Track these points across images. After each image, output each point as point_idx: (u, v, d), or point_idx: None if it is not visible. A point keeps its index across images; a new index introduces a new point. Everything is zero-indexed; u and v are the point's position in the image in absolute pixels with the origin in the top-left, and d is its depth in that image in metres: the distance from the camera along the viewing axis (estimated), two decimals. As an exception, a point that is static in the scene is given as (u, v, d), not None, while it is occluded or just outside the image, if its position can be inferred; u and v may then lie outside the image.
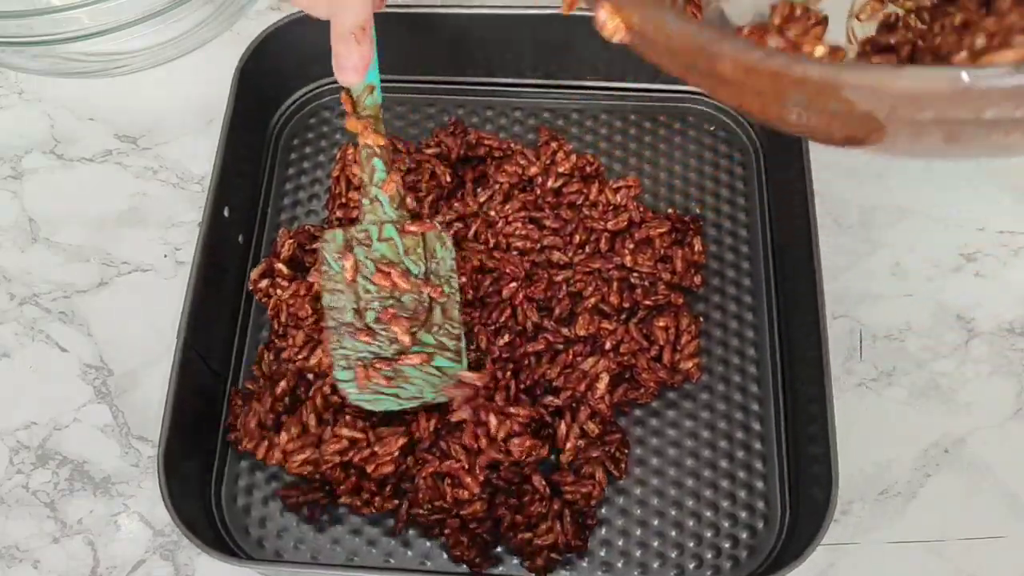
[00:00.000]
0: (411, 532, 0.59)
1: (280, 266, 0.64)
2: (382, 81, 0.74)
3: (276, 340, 0.63)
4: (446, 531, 0.57)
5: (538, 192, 0.67)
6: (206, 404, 0.61)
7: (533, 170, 0.68)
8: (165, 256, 0.68)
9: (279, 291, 0.63)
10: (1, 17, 0.64)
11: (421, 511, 0.57)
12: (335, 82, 0.73)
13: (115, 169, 0.72)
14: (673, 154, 0.72)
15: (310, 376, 0.61)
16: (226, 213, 0.63)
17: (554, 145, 0.69)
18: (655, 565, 0.58)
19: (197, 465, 0.59)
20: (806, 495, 0.58)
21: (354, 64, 0.49)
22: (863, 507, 0.60)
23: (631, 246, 0.65)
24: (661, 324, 0.63)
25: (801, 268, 0.61)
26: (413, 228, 0.57)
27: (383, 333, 0.56)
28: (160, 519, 0.60)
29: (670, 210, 0.69)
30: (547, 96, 0.74)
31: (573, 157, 0.69)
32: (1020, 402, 0.63)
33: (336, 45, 0.49)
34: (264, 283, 0.64)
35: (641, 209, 0.67)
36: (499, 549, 0.58)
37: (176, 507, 0.53)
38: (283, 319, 0.63)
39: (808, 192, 0.62)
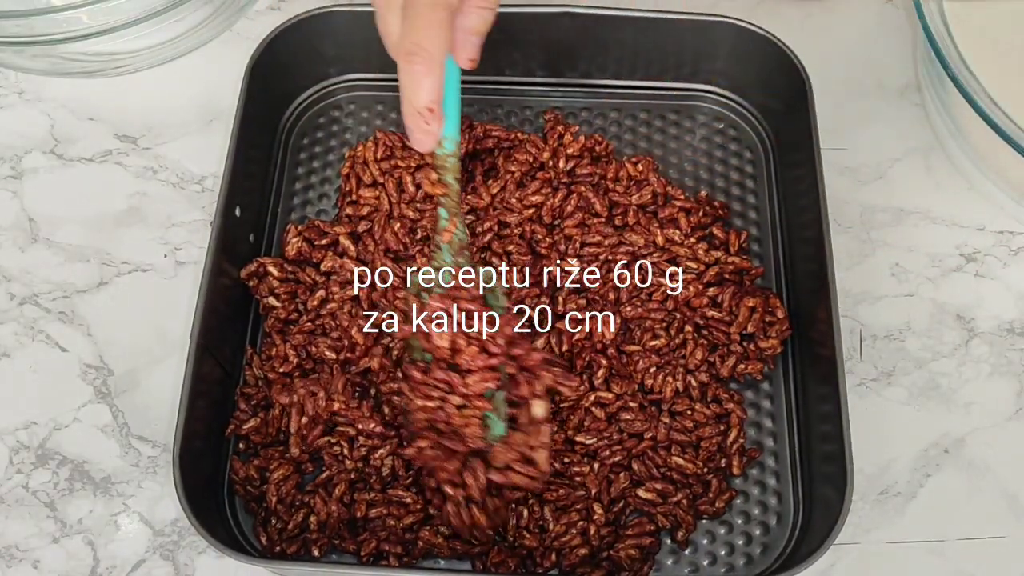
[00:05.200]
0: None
1: (272, 268, 0.64)
2: (389, 80, 0.74)
3: (265, 344, 0.63)
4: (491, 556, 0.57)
5: (552, 175, 0.67)
6: (217, 404, 0.61)
7: (545, 155, 0.68)
8: (165, 256, 0.68)
9: (271, 297, 0.63)
10: (1, 17, 0.64)
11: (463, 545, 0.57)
12: (345, 80, 0.74)
13: (115, 169, 0.72)
14: (683, 152, 0.72)
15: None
16: (237, 213, 0.63)
17: (560, 128, 0.70)
18: (668, 563, 0.58)
19: (208, 464, 0.59)
20: (819, 493, 0.58)
21: (421, 138, 0.49)
22: (863, 507, 0.60)
23: (657, 226, 0.65)
24: (749, 304, 0.62)
25: (812, 266, 0.62)
26: (452, 274, 0.56)
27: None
28: (160, 519, 0.60)
29: (702, 192, 0.69)
30: (556, 94, 0.74)
31: (581, 138, 0.69)
32: (1020, 402, 0.63)
33: (406, 119, 0.49)
34: (254, 282, 0.64)
35: (663, 181, 0.68)
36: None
37: (192, 506, 0.53)
38: (270, 323, 0.63)
39: (820, 190, 0.62)
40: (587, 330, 0.62)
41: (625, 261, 0.64)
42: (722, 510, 0.59)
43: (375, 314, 0.62)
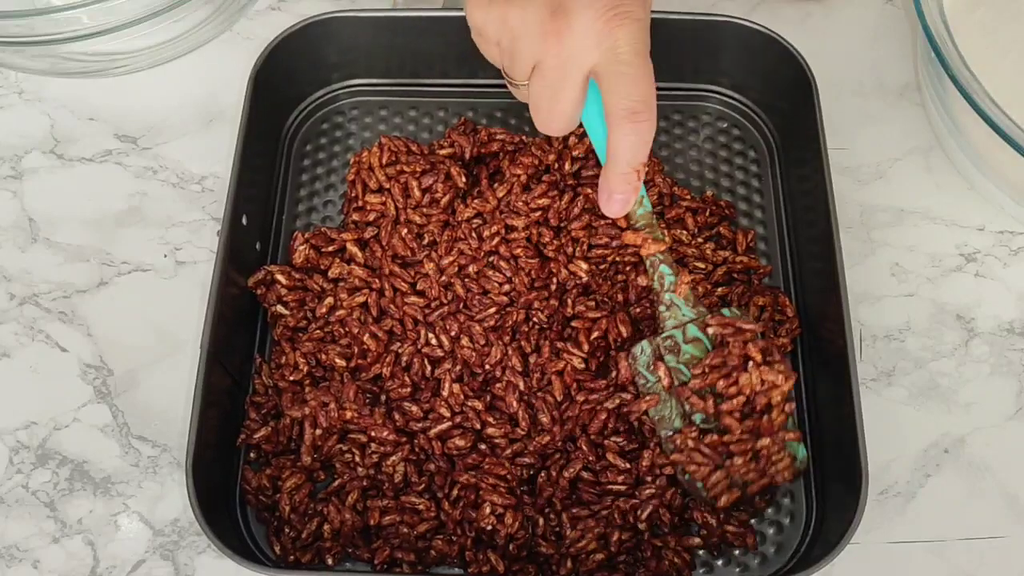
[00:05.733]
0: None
1: (279, 276, 0.64)
2: (392, 85, 0.74)
3: (274, 352, 0.63)
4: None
5: (557, 177, 0.67)
6: (226, 413, 0.61)
7: (551, 157, 0.68)
8: (165, 256, 0.68)
9: (279, 305, 0.63)
10: (1, 17, 0.64)
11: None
12: (348, 86, 0.74)
13: (115, 169, 0.72)
14: (687, 152, 0.72)
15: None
16: (244, 221, 0.63)
17: None
18: (683, 562, 0.58)
19: (219, 473, 0.59)
20: (832, 491, 0.58)
21: (627, 198, 0.48)
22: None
23: (664, 226, 0.65)
24: (759, 302, 0.62)
25: (820, 264, 0.62)
26: (714, 323, 0.55)
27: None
28: (160, 519, 0.60)
29: (708, 192, 0.69)
30: (560, 97, 0.74)
31: (586, 139, 0.69)
32: (1020, 402, 0.63)
33: (612, 180, 0.47)
34: (261, 290, 0.64)
35: (668, 181, 0.68)
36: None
37: (206, 517, 0.53)
38: (279, 331, 0.63)
39: (828, 188, 0.61)
40: (604, 328, 0.62)
41: (634, 262, 0.64)
42: (763, 509, 0.59)
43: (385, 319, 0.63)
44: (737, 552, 0.58)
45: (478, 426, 0.59)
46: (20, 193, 0.71)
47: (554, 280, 0.63)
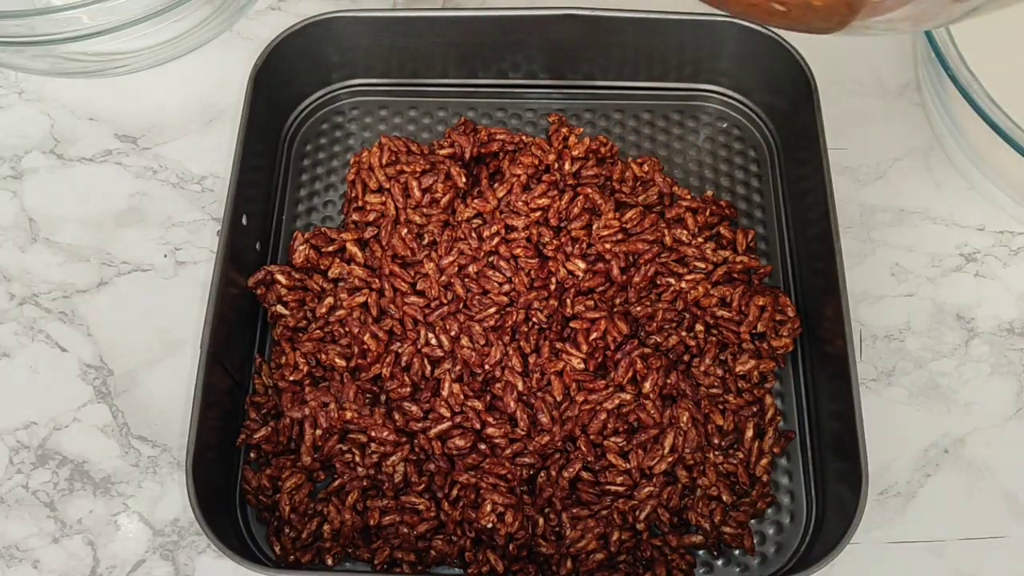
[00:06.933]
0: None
1: (280, 277, 0.64)
2: (392, 85, 0.75)
3: (274, 352, 0.63)
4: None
5: (557, 177, 0.67)
6: (226, 413, 0.61)
7: (551, 157, 0.68)
8: (165, 256, 0.68)
9: (279, 306, 0.63)
10: (1, 17, 0.64)
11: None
12: (348, 86, 0.74)
13: (115, 169, 0.72)
14: (687, 152, 0.72)
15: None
16: (244, 221, 0.63)
17: (564, 131, 0.70)
18: (684, 562, 0.58)
19: (219, 473, 0.59)
20: (832, 491, 0.58)
21: None
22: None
23: (664, 226, 0.65)
24: (759, 302, 0.62)
25: (819, 264, 0.62)
26: None
27: None
28: (160, 519, 0.60)
29: (708, 192, 0.69)
30: (558, 97, 0.74)
31: (586, 139, 0.69)
32: (1020, 402, 0.63)
33: None
34: (261, 290, 0.64)
35: (668, 181, 0.68)
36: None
37: (207, 518, 0.53)
38: (279, 331, 0.63)
39: (828, 189, 0.61)
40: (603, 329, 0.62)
41: (632, 262, 0.64)
42: (763, 510, 0.59)
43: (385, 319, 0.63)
44: (737, 552, 0.58)
45: (478, 426, 0.59)
46: (20, 193, 0.71)
47: (553, 280, 0.63)
